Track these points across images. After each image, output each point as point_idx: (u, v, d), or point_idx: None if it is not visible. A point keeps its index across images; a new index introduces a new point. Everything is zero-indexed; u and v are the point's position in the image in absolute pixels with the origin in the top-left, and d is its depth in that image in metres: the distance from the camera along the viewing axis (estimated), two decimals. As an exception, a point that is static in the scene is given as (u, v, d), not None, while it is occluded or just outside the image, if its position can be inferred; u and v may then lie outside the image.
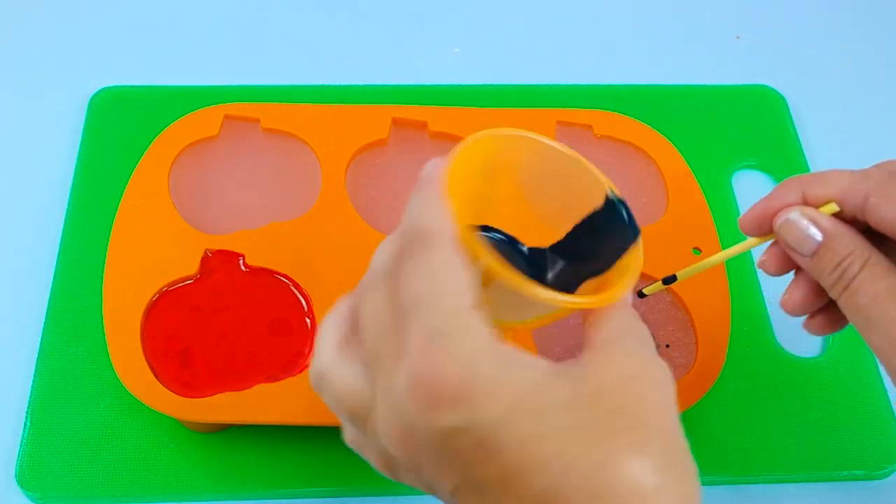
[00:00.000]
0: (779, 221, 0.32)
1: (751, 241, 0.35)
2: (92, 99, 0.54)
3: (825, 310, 0.34)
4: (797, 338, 0.47)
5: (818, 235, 0.31)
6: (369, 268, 0.28)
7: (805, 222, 0.32)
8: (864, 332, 0.31)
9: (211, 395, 0.40)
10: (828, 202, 0.32)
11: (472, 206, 0.30)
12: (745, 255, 0.49)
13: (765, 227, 0.34)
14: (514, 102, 0.52)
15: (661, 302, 0.45)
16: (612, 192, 0.32)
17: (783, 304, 0.35)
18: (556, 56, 0.60)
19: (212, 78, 0.56)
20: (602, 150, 0.50)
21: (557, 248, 0.33)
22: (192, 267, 0.44)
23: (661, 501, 0.24)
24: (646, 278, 0.45)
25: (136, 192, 0.46)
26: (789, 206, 0.32)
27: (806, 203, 0.32)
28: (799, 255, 0.32)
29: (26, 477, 0.42)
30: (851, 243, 0.31)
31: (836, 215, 0.32)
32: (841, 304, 0.31)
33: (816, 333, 0.35)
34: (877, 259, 0.30)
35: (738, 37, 0.62)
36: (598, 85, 0.57)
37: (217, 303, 0.43)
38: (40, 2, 0.60)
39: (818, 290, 0.33)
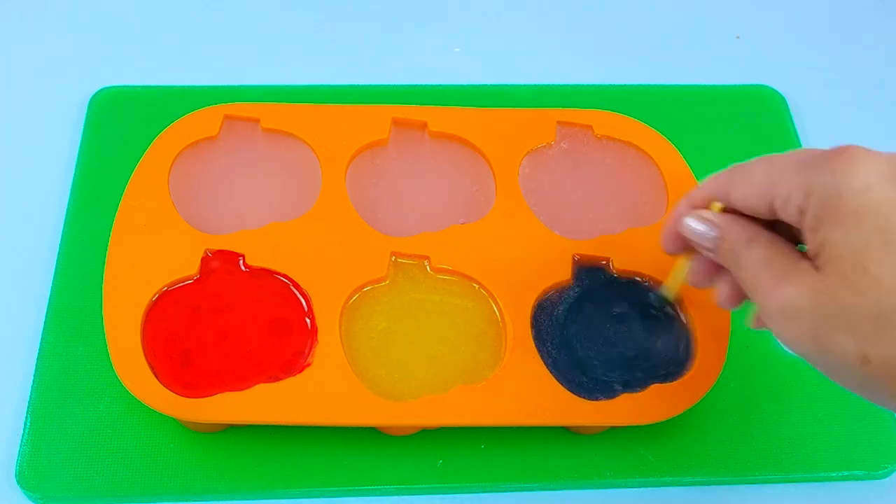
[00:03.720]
0: (681, 230, 0.36)
1: (681, 260, 0.39)
2: (92, 99, 0.54)
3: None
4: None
5: (712, 230, 0.35)
6: None
7: (696, 222, 0.36)
8: (753, 301, 0.33)
9: (211, 395, 0.40)
10: (710, 203, 0.36)
11: None
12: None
13: (680, 243, 0.38)
14: (514, 102, 0.52)
15: (661, 302, 0.45)
16: None
17: (718, 303, 0.38)
18: (556, 56, 0.60)
19: (212, 78, 0.56)
20: (602, 150, 0.50)
21: None
22: (192, 267, 0.44)
23: None
24: (646, 278, 0.45)
25: (136, 192, 0.46)
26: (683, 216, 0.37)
27: (694, 209, 0.37)
28: (708, 252, 0.36)
29: (26, 477, 0.42)
30: (738, 228, 0.34)
31: (725, 211, 0.35)
32: (740, 282, 0.34)
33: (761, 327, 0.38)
34: (761, 236, 0.33)
35: (738, 37, 0.62)
36: (598, 85, 0.57)
37: (217, 303, 0.43)
38: (40, 2, 0.60)
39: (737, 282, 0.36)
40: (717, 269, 0.37)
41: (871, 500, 0.45)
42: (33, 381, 0.44)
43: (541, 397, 0.41)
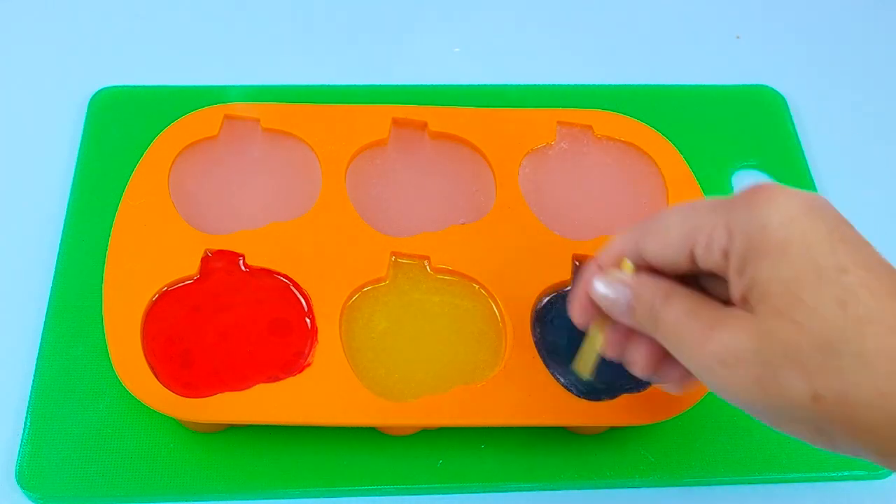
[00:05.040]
0: (592, 295, 0.34)
1: (594, 331, 0.35)
2: (92, 99, 0.54)
3: (674, 365, 0.34)
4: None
5: (625, 291, 0.33)
6: None
7: (606, 285, 0.33)
8: (680, 358, 0.31)
9: (211, 395, 0.40)
10: (621, 262, 0.33)
11: None
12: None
13: (592, 311, 0.35)
14: (514, 102, 0.52)
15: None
16: None
17: (635, 371, 0.35)
18: (556, 56, 0.60)
19: (212, 78, 0.56)
20: (602, 150, 0.50)
21: None
22: (192, 267, 0.44)
23: None
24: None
25: (136, 192, 0.46)
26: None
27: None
28: (622, 318, 0.33)
29: (26, 477, 0.42)
30: (653, 285, 0.32)
31: (637, 270, 0.33)
32: (662, 342, 0.32)
33: (679, 392, 0.35)
34: (677, 291, 0.31)
35: (738, 37, 0.62)
36: (598, 85, 0.57)
37: (217, 303, 0.43)
38: (40, 2, 0.60)
39: (655, 346, 0.33)
40: (632, 337, 0.34)
41: (871, 500, 0.45)
42: (33, 381, 0.44)
43: (541, 397, 0.41)
